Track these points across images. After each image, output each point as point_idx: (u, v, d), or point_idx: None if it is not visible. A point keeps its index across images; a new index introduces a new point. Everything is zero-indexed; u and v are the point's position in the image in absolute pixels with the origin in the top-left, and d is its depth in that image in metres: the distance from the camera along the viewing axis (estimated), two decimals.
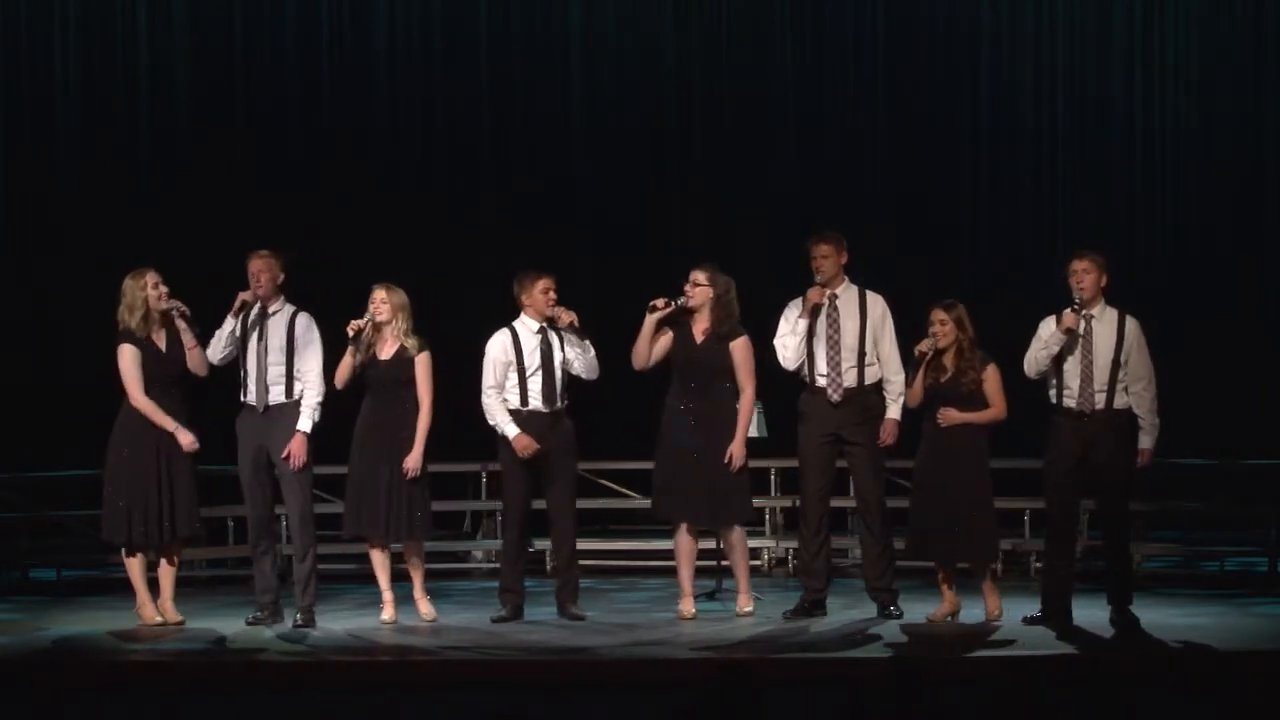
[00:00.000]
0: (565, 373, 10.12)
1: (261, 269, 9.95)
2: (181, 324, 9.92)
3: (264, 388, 9.93)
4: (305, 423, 9.92)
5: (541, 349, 10.08)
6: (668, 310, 10.02)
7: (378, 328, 10.01)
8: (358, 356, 9.97)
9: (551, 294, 10.09)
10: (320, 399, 9.96)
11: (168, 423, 9.85)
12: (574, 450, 10.21)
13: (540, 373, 10.07)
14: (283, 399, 9.96)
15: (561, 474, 10.17)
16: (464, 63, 14.23)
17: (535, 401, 10.09)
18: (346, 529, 10.22)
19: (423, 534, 10.15)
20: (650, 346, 10.05)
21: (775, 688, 7.63)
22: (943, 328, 9.85)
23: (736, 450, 10.00)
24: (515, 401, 10.10)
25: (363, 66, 14.18)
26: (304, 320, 10.05)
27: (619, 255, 13.84)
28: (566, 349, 10.09)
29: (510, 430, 10.04)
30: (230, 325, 9.94)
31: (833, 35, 14.34)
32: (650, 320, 10.01)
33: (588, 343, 10.11)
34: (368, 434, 10.04)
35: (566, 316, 10.06)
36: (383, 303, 10.00)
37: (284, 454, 9.87)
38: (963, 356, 9.85)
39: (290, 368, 9.96)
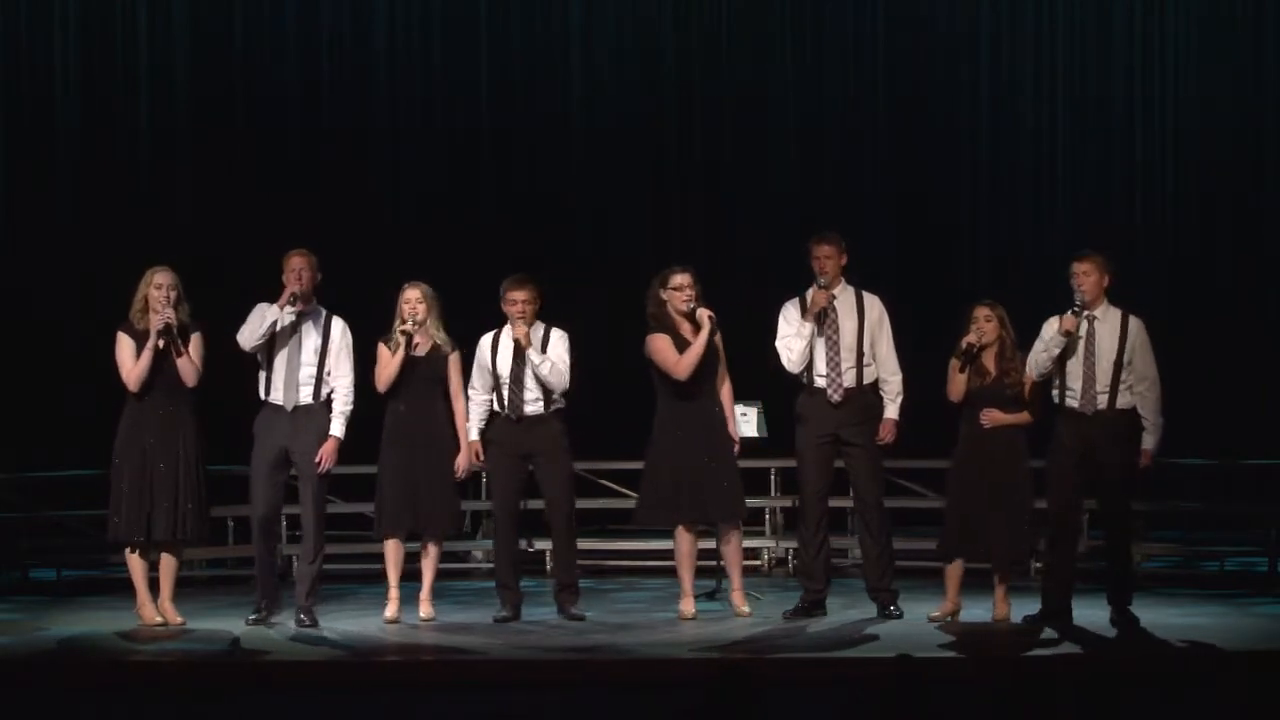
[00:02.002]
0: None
1: (304, 266, 9.92)
2: (159, 335, 9.80)
3: (294, 388, 9.90)
4: (339, 428, 9.91)
5: (515, 358, 10.07)
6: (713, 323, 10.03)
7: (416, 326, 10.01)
8: (403, 356, 9.96)
9: (518, 307, 10.04)
10: (351, 407, 9.96)
11: (148, 347, 9.77)
12: (563, 453, 10.15)
13: (509, 382, 10.06)
14: (310, 400, 9.93)
15: (552, 476, 10.15)
16: (464, 63, 14.23)
17: (506, 407, 10.09)
18: (385, 531, 10.10)
19: (456, 527, 10.23)
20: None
21: (775, 688, 7.64)
22: (987, 324, 9.84)
23: (735, 433, 10.11)
24: (495, 405, 10.12)
25: (363, 66, 14.19)
26: (340, 325, 10.02)
27: (619, 255, 13.83)
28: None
29: (471, 432, 10.10)
30: (275, 316, 9.85)
31: (833, 35, 14.34)
32: (709, 332, 9.96)
33: (543, 359, 9.99)
34: (400, 433, 10.03)
35: (518, 331, 10.04)
36: (418, 302, 10.00)
37: (316, 458, 9.85)
38: (1005, 357, 9.85)
39: (321, 370, 9.95)
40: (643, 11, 14.31)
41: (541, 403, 10.06)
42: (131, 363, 9.83)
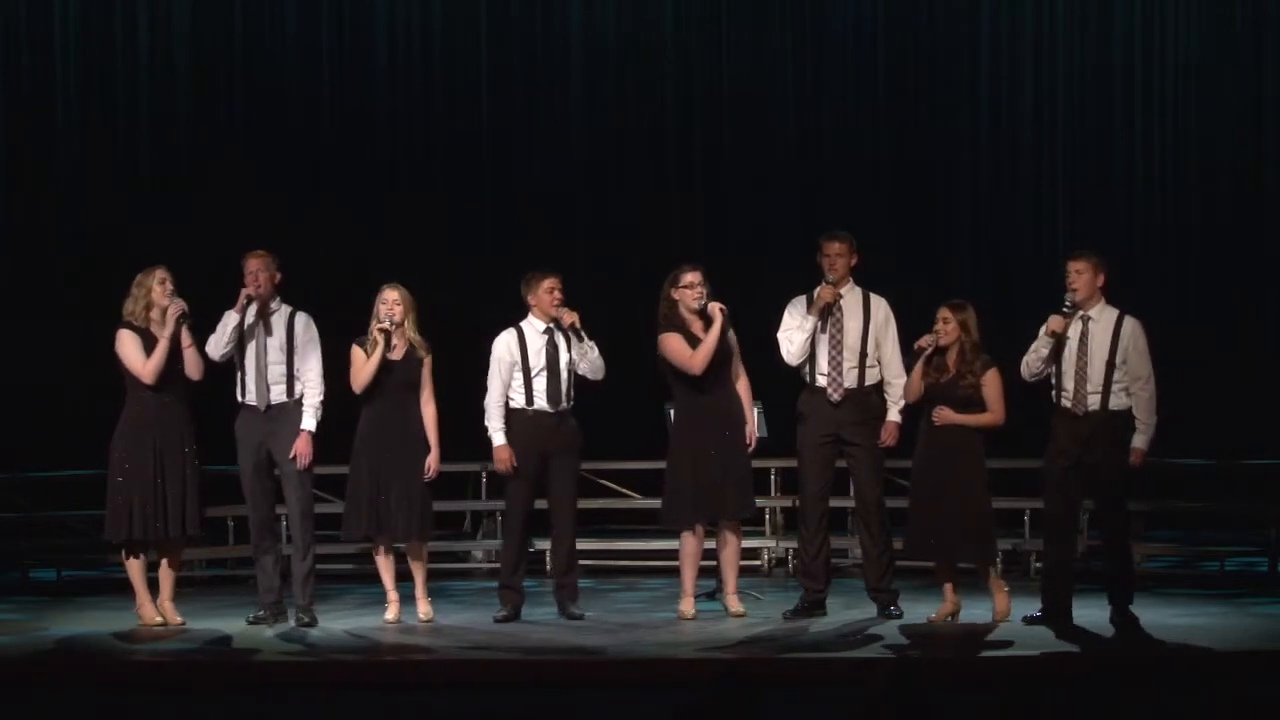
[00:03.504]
0: (572, 373, 10.13)
1: (259, 268, 9.96)
2: (179, 322, 9.86)
3: (265, 387, 9.94)
4: (310, 421, 9.95)
5: (547, 350, 10.09)
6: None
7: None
8: (380, 357, 9.95)
9: (556, 294, 10.08)
10: (322, 398, 9.98)
11: (165, 336, 9.79)
12: (578, 451, 10.22)
13: (545, 373, 10.07)
14: (284, 398, 9.97)
15: (564, 474, 10.17)
16: (464, 63, 14.22)
17: (540, 402, 10.09)
18: (350, 532, 10.15)
19: (427, 534, 10.16)
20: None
21: (775, 688, 7.62)
22: (945, 326, 9.83)
23: (753, 431, 10.10)
24: (520, 401, 10.10)
25: (363, 66, 14.17)
26: (303, 320, 10.06)
27: (619, 255, 13.82)
28: (572, 350, 10.10)
29: (497, 439, 10.08)
30: (234, 320, 9.90)
31: (833, 35, 14.33)
32: (722, 321, 9.95)
33: (591, 344, 10.10)
34: (374, 436, 10.01)
35: (568, 317, 10.04)
36: (396, 304, 10.00)
37: (290, 454, 9.89)
38: (964, 359, 9.83)
39: (290, 367, 9.98)
40: (643, 11, 14.30)
41: (568, 398, 10.09)
42: (142, 357, 9.84)
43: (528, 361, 10.09)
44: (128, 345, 9.89)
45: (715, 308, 9.96)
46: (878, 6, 14.27)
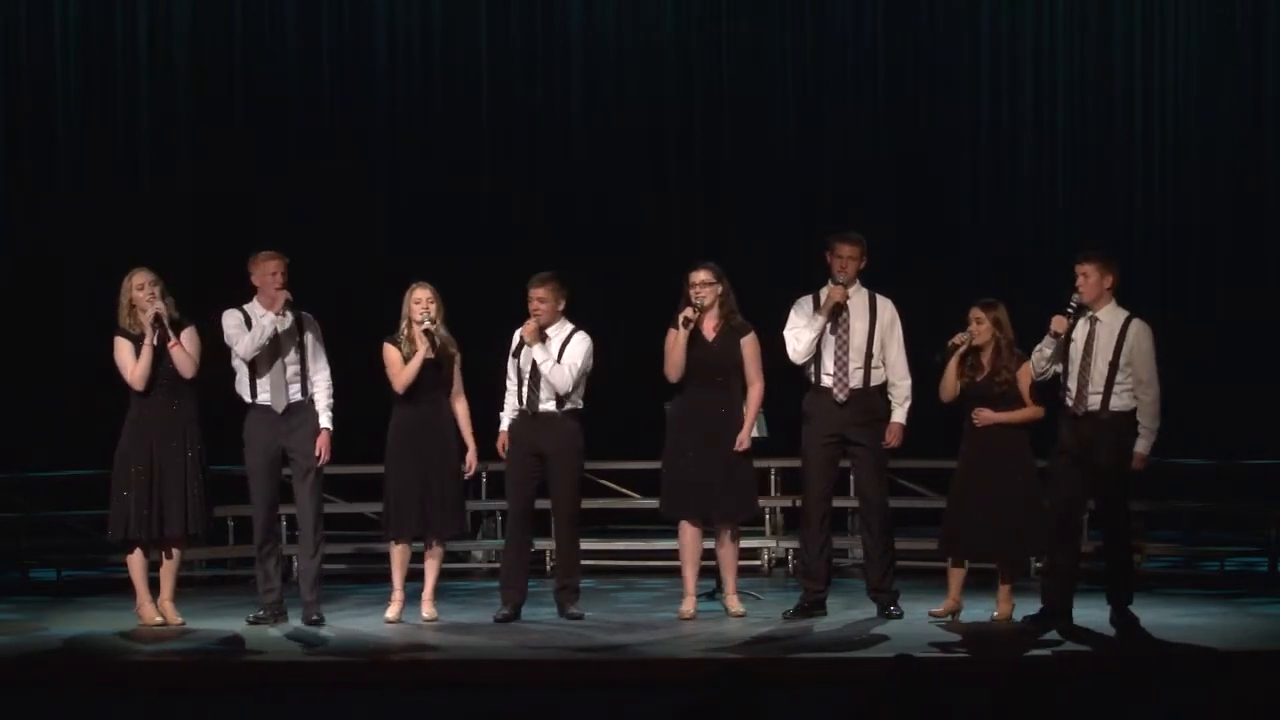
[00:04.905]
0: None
1: (280, 269, 9.96)
2: (154, 326, 9.84)
3: (282, 388, 9.94)
4: (329, 420, 10.00)
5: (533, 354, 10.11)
6: (697, 318, 9.98)
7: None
8: (424, 355, 9.96)
9: (534, 304, 10.09)
10: (333, 396, 10.02)
11: (147, 342, 9.82)
12: (572, 453, 10.17)
13: (528, 376, 10.08)
14: (299, 397, 9.99)
15: (558, 477, 10.17)
16: (464, 63, 14.21)
17: (522, 403, 10.12)
18: (398, 532, 10.09)
19: (462, 528, 10.32)
20: (684, 357, 10.01)
21: (775, 688, 7.62)
22: (978, 326, 9.86)
23: (744, 436, 10.03)
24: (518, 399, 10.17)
25: (363, 66, 14.17)
26: (309, 319, 10.08)
27: (618, 256, 13.81)
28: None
29: (503, 423, 10.17)
30: (272, 324, 9.88)
31: (833, 35, 14.32)
32: (685, 333, 9.96)
33: (542, 356, 10.03)
34: (413, 435, 10.02)
35: (525, 328, 10.07)
36: (430, 302, 10.01)
37: (316, 452, 9.92)
38: (999, 357, 9.85)
39: (304, 366, 9.99)
40: (643, 11, 14.29)
41: (554, 402, 10.08)
42: (133, 363, 9.88)
43: (519, 362, 10.11)
44: (120, 352, 9.93)
45: (681, 317, 9.96)
46: (878, 6, 14.26)
